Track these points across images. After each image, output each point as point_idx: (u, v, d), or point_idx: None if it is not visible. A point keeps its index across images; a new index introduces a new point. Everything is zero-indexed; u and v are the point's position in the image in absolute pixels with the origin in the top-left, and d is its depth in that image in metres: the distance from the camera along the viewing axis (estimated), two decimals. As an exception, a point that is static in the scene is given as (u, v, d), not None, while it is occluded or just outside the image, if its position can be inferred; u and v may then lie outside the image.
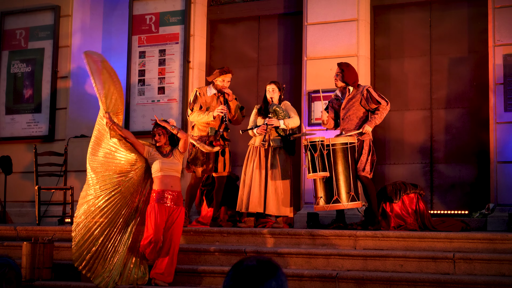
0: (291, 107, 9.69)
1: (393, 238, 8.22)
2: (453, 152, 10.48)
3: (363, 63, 10.62)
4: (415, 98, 10.75)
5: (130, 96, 11.88)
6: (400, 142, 10.79)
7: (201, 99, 9.64)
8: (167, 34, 11.80)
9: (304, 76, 10.83)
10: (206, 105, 9.60)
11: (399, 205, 9.09)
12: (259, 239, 8.76)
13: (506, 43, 9.85)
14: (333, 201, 8.70)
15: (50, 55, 12.43)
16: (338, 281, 7.60)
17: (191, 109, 9.64)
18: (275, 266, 2.76)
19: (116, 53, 12.53)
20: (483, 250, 7.80)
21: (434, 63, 10.68)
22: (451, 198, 10.43)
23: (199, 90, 9.75)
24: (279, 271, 2.75)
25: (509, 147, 9.73)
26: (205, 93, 9.69)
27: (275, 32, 11.72)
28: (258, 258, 2.75)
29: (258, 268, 2.71)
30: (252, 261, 2.74)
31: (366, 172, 8.90)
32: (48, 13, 12.57)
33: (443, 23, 10.70)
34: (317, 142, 8.72)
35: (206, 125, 9.59)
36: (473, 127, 10.37)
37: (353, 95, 9.14)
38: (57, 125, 12.29)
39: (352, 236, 8.37)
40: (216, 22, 12.09)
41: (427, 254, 7.76)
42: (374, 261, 7.90)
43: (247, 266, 2.71)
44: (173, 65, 11.68)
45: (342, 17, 10.74)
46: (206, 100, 9.63)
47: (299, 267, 8.12)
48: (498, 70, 9.84)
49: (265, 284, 2.69)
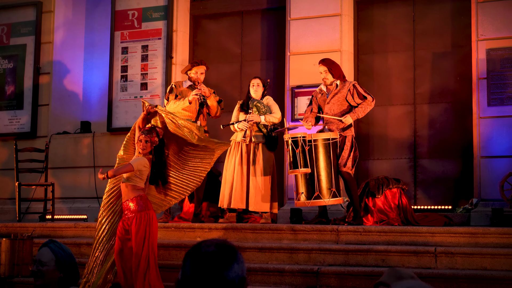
0: (273, 102, 9.61)
1: (375, 232, 8.16)
2: (436, 147, 10.44)
3: (347, 58, 10.57)
4: (399, 93, 10.71)
5: (112, 92, 11.79)
6: (384, 138, 10.75)
7: (177, 90, 9.55)
8: (149, 30, 11.71)
9: (287, 72, 10.77)
10: (182, 95, 9.50)
11: (382, 200, 9.04)
12: (241, 234, 8.68)
13: (489, 38, 9.82)
14: (315, 197, 8.63)
15: (32, 51, 12.32)
16: (320, 276, 7.53)
17: (166, 99, 9.54)
18: (233, 248, 2.68)
19: (99, 49, 12.44)
20: (465, 244, 7.75)
21: (418, 58, 10.64)
22: (435, 193, 10.39)
23: (175, 83, 9.69)
24: (238, 253, 2.67)
25: (493, 141, 9.70)
26: (181, 85, 9.62)
27: (258, 27, 11.65)
28: (215, 242, 2.67)
29: (219, 254, 2.63)
30: (210, 246, 2.65)
31: (347, 167, 8.85)
32: (30, 8, 12.46)
33: (426, 17, 10.66)
34: (299, 138, 8.65)
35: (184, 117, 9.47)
36: (457, 122, 10.34)
37: (339, 90, 9.08)
38: (39, 122, 12.19)
39: (334, 231, 8.30)
40: (199, 17, 12.01)
41: (408, 248, 7.71)
42: (356, 255, 7.84)
43: (206, 252, 2.63)
44: (155, 61, 11.60)
45: (325, 12, 10.69)
46: (182, 91, 9.54)
47: (281, 262, 8.05)
48: (481, 64, 9.80)
49: (230, 269, 2.61)
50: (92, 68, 12.55)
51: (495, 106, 9.74)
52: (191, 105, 9.41)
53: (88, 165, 11.74)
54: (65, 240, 9.04)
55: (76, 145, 11.97)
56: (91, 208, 11.35)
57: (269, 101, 9.56)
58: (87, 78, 12.61)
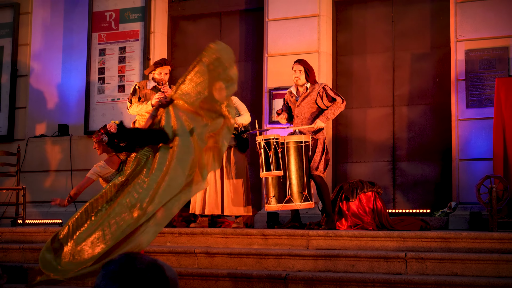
0: (240, 103, 9.38)
1: (346, 237, 7.99)
2: (415, 150, 10.28)
3: (325, 60, 10.41)
4: (378, 95, 10.54)
5: (90, 94, 11.63)
6: (362, 140, 10.58)
7: (141, 92, 9.30)
8: (127, 31, 11.55)
9: (265, 73, 10.61)
10: (146, 98, 9.26)
11: (356, 203, 8.86)
12: (211, 239, 8.51)
13: (468, 38, 9.67)
14: (286, 201, 8.48)
15: (10, 53, 12.16)
16: (288, 281, 7.36)
17: (129, 102, 9.30)
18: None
19: (77, 51, 12.26)
20: (437, 249, 7.58)
21: (397, 59, 10.48)
22: (414, 196, 10.22)
23: (139, 84, 9.40)
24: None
25: (471, 144, 9.54)
26: (145, 87, 9.35)
27: (236, 28, 11.49)
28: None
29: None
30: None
31: (319, 171, 8.69)
32: (8, 10, 12.30)
33: (405, 18, 10.50)
34: (271, 140, 8.49)
35: (147, 120, 9.29)
36: (436, 124, 10.17)
37: (309, 93, 8.93)
38: (16, 125, 12.03)
39: (304, 235, 8.13)
40: (177, 18, 11.85)
41: (378, 253, 7.53)
42: (325, 261, 7.67)
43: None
44: (133, 62, 11.44)
45: (303, 13, 10.54)
46: (146, 93, 9.31)
47: (250, 267, 7.88)
48: (460, 65, 9.65)
49: None
50: (70, 70, 12.37)
51: (474, 108, 9.58)
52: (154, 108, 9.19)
53: (65, 168, 11.58)
54: (34, 246, 8.89)
55: (53, 148, 11.80)
56: (67, 213, 11.17)
57: (236, 102, 9.32)
58: (65, 80, 12.43)
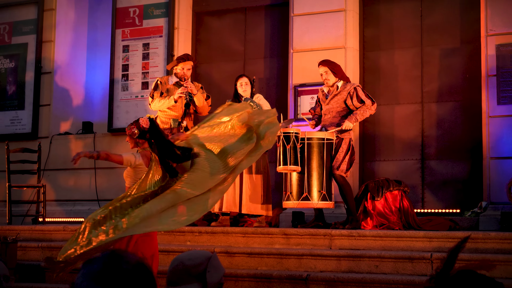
0: (264, 101, 9.25)
1: (370, 237, 7.73)
2: (445, 147, 9.97)
3: (351, 55, 10.15)
4: (406, 91, 10.26)
5: (114, 91, 11.49)
6: (390, 138, 10.30)
7: (163, 88, 9.16)
8: (151, 27, 11.39)
9: (290, 70, 10.39)
10: (168, 93, 9.12)
11: (382, 202, 8.60)
12: (231, 238, 8.31)
13: (499, 33, 9.35)
14: (302, 198, 8.25)
15: (34, 50, 12.07)
16: (309, 282, 7.13)
17: (151, 97, 9.17)
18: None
19: (102, 48, 12.13)
20: (464, 250, 7.22)
21: (425, 55, 10.19)
22: (443, 196, 9.92)
23: (161, 79, 9.29)
24: None
25: (503, 142, 9.22)
26: (167, 82, 9.23)
27: (262, 24, 11.27)
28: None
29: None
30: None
31: (341, 170, 8.43)
32: (32, 7, 12.23)
33: (434, 13, 10.20)
34: (291, 134, 8.29)
35: (169, 117, 9.14)
36: (466, 122, 9.86)
37: (339, 92, 8.73)
38: (40, 122, 11.93)
39: (327, 235, 7.89)
40: (201, 14, 11.65)
41: (403, 254, 7.26)
42: (348, 261, 7.42)
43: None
44: (157, 59, 11.27)
45: (329, 8, 10.29)
46: (169, 88, 9.16)
47: (270, 268, 7.66)
48: (490, 61, 9.33)
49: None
50: (95, 67, 12.25)
51: (505, 105, 9.26)
52: (176, 104, 9.05)
53: (89, 166, 11.42)
54: (52, 244, 8.77)
55: (77, 146, 11.67)
56: (91, 211, 10.97)
57: (260, 100, 9.19)
58: (89, 77, 12.32)
